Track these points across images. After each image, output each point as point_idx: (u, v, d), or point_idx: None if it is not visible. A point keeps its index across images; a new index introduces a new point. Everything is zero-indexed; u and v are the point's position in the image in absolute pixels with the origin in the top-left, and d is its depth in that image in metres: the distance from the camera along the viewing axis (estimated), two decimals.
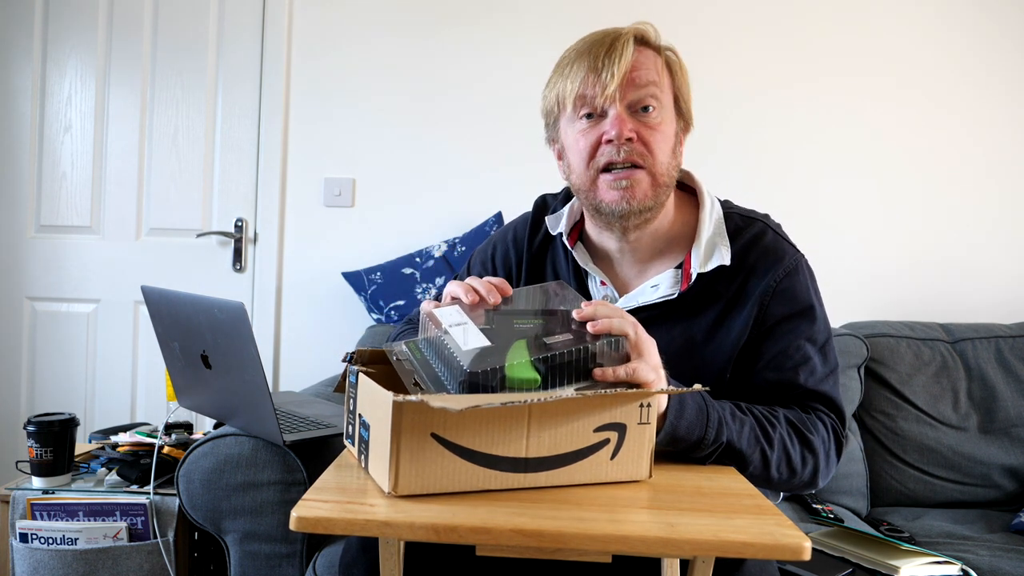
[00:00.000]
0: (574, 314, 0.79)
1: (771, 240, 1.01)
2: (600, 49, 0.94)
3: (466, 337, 0.75)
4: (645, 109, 0.95)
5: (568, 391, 0.72)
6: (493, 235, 1.20)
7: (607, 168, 0.96)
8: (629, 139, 0.94)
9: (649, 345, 0.78)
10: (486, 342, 0.75)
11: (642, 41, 0.97)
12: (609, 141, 0.94)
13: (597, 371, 0.74)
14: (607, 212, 0.97)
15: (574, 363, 0.74)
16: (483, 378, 0.71)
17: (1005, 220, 2.07)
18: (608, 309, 0.78)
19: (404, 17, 2.15)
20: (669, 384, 0.78)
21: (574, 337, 0.76)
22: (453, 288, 0.85)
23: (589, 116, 0.96)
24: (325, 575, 1.13)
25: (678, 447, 0.84)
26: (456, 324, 0.78)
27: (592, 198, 0.99)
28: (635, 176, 0.95)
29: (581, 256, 1.06)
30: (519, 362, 0.72)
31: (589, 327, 0.77)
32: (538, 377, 0.72)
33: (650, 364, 0.76)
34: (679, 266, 1.02)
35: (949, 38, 2.06)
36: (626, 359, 0.76)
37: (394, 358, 0.80)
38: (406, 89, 2.15)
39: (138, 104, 2.21)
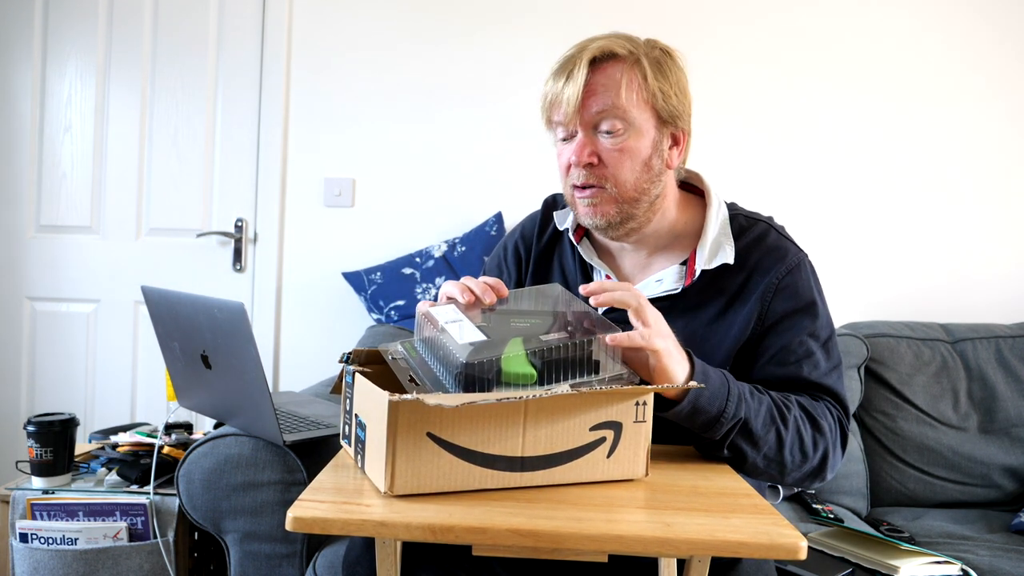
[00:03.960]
0: (580, 289, 0.81)
1: (774, 239, 1.02)
2: (560, 75, 0.95)
3: (462, 333, 0.76)
4: (609, 132, 0.95)
5: (563, 387, 0.72)
6: (504, 238, 1.23)
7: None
8: (590, 163, 0.96)
9: (654, 314, 0.80)
10: (483, 337, 0.75)
11: (603, 58, 0.94)
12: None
13: (608, 337, 0.75)
14: (584, 224, 1.02)
15: (570, 359, 0.74)
16: (479, 370, 0.71)
17: (1005, 220, 2.06)
18: (613, 284, 0.81)
19: (404, 17, 2.15)
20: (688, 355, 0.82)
21: (570, 336, 0.76)
22: (449, 288, 0.86)
23: (565, 136, 0.99)
24: (325, 575, 1.13)
25: (697, 421, 0.84)
26: (453, 321, 0.78)
27: (573, 209, 1.04)
28: (597, 195, 0.98)
29: (586, 251, 1.08)
30: (515, 355, 0.72)
31: (592, 300, 0.79)
32: (534, 372, 0.72)
33: (659, 332, 0.79)
34: (684, 262, 1.03)
35: (951, 40, 2.06)
36: None
37: (390, 357, 0.80)
38: (406, 89, 2.15)
39: (138, 104, 2.22)
